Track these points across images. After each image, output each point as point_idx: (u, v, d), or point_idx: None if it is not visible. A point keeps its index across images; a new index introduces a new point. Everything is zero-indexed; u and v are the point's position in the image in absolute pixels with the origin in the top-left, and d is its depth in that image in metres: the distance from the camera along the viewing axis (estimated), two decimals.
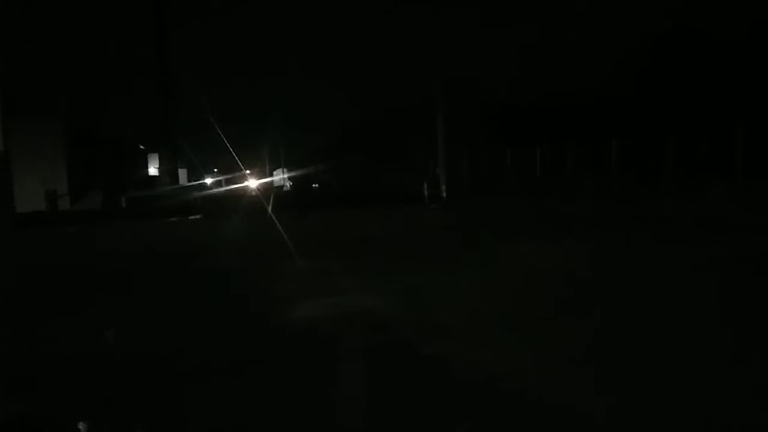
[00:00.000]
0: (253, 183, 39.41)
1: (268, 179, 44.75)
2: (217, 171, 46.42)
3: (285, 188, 41.22)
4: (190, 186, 30.82)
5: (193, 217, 18.95)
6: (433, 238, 10.93)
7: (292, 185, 41.52)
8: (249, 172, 41.43)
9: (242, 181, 37.96)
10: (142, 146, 32.76)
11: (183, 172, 33.22)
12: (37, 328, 5.00)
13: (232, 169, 38.73)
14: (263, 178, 43.45)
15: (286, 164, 45.42)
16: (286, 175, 44.14)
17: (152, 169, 32.73)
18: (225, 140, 26.73)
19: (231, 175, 39.06)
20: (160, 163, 28.91)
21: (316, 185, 38.26)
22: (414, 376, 3.51)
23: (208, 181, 39.61)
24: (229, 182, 38.07)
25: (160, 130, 25.30)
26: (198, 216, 19.24)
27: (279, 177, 45.47)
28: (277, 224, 12.84)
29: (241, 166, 37.34)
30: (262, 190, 35.98)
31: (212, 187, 37.13)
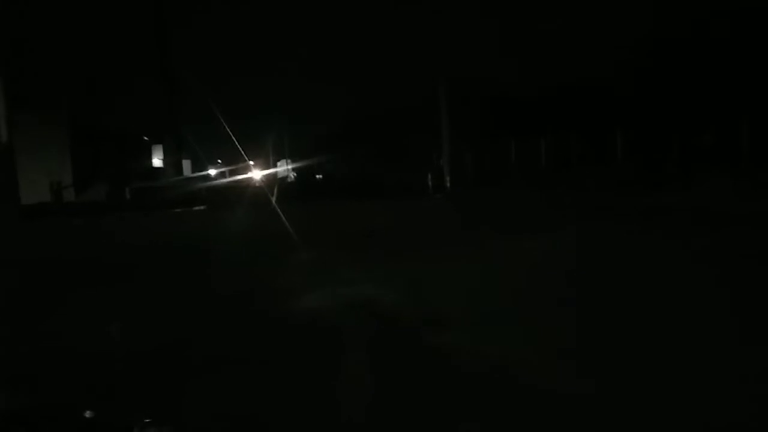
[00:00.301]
0: (256, 174, 39.44)
1: (272, 170, 44.79)
2: (220, 162, 46.46)
3: (289, 179, 41.26)
4: (194, 177, 30.85)
5: (197, 209, 18.99)
6: (437, 230, 10.93)
7: (295, 176, 41.55)
8: (253, 163, 41.47)
9: (246, 173, 37.99)
10: (146, 138, 32.80)
11: (187, 163, 33.27)
12: (41, 321, 5.02)
13: (235, 161, 38.78)
14: (267, 170, 43.49)
15: (290, 155, 45.45)
16: (290, 167, 44.18)
17: (156, 161, 32.77)
18: (229, 132, 26.75)
19: (235, 167, 39.12)
20: (164, 155, 28.97)
21: (319, 176, 38.26)
22: (417, 366, 3.52)
23: (212, 172, 39.65)
24: (233, 173, 38.12)
25: (164, 122, 25.33)
26: (202, 207, 19.30)
27: (283, 168, 45.51)
28: (281, 215, 12.86)
29: (245, 157, 37.36)
30: (266, 181, 35.99)
31: (216, 178, 37.16)
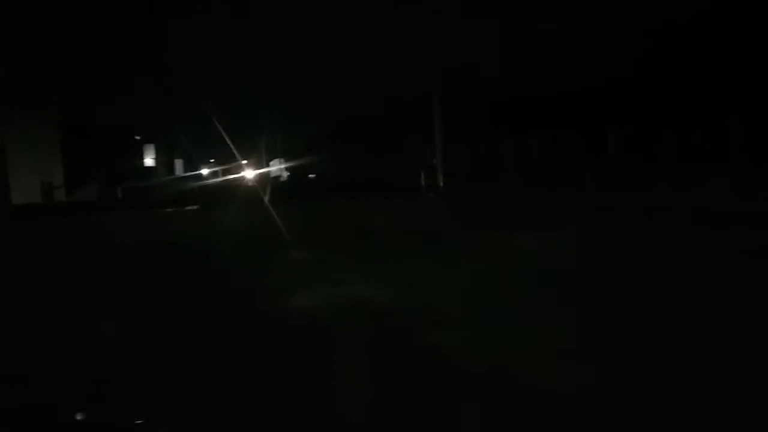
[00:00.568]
0: (249, 173, 39.33)
1: (265, 170, 44.66)
2: (213, 162, 46.28)
3: (282, 178, 41.19)
4: (187, 177, 30.70)
5: (189, 208, 18.91)
6: (430, 228, 10.91)
7: (289, 175, 41.48)
8: (246, 162, 41.35)
9: (239, 172, 37.89)
10: (138, 137, 32.60)
11: (179, 162, 33.07)
12: (36, 320, 4.98)
13: (228, 160, 38.63)
14: (260, 169, 43.36)
15: (283, 155, 45.32)
16: (283, 166, 44.08)
17: (148, 160, 32.57)
18: (221, 131, 26.65)
19: (228, 166, 38.98)
20: (156, 154, 28.79)
21: (313, 175, 38.22)
22: (412, 365, 3.51)
23: (205, 171, 39.51)
24: (226, 173, 37.99)
25: (156, 121, 25.19)
26: (194, 207, 19.21)
27: (276, 167, 45.39)
28: (275, 215, 12.82)
29: (238, 156, 37.23)
30: (259, 180, 35.91)
31: (209, 177, 37.02)
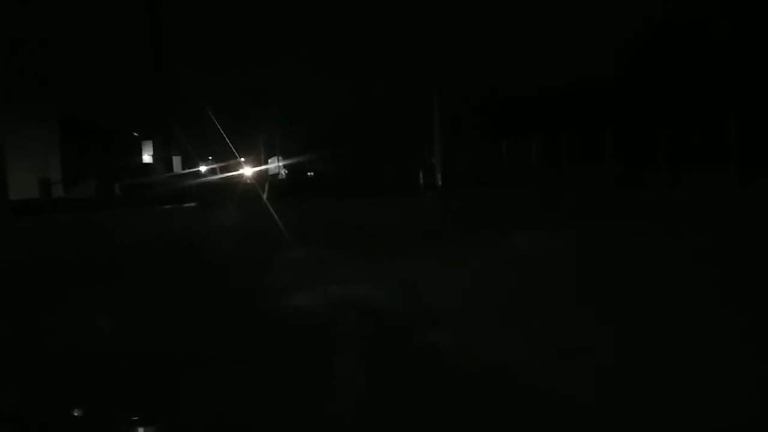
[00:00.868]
0: (247, 171, 39.34)
1: (263, 167, 44.66)
2: (211, 159, 46.30)
3: (280, 176, 41.17)
4: (185, 174, 30.71)
5: (187, 205, 18.90)
6: (428, 227, 10.93)
7: (287, 173, 41.46)
8: (244, 160, 41.37)
9: (237, 169, 37.93)
10: (136, 134, 32.58)
11: (177, 159, 33.08)
12: (34, 319, 4.98)
13: (226, 157, 38.68)
14: (258, 166, 43.36)
15: (282, 153, 45.29)
16: (281, 164, 44.06)
17: (146, 157, 32.56)
18: (219, 128, 26.66)
19: (226, 163, 39.03)
20: (154, 151, 28.78)
21: (311, 173, 38.21)
22: (410, 364, 3.52)
23: (203, 168, 39.51)
24: (224, 170, 38.05)
25: (154, 118, 25.16)
26: (192, 204, 19.20)
27: (274, 165, 45.37)
28: (273, 213, 12.83)
29: (236, 154, 37.25)
30: (257, 178, 35.91)
31: (207, 174, 37.04)
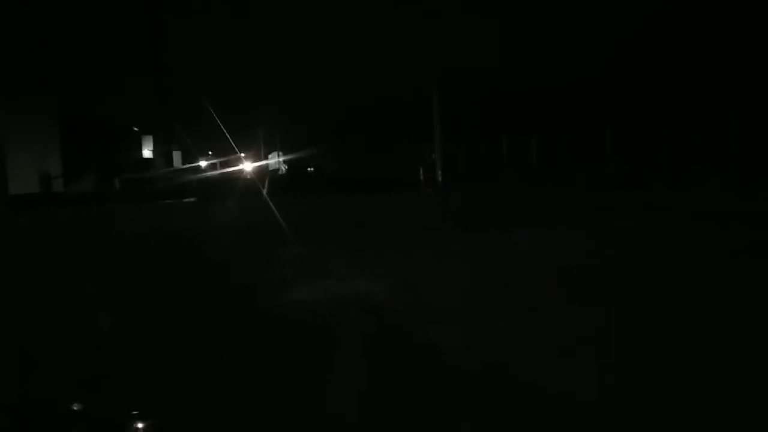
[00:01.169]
0: (248, 166, 39.28)
1: (263, 163, 44.59)
2: (211, 154, 46.17)
3: (280, 172, 41.11)
4: (185, 169, 30.66)
5: (187, 200, 18.89)
6: (428, 223, 10.93)
7: (287, 169, 41.40)
8: (244, 155, 41.30)
9: (237, 165, 37.86)
10: (136, 129, 32.53)
11: (177, 154, 33.03)
12: (33, 315, 4.99)
13: (226, 153, 38.60)
14: (258, 162, 43.29)
15: (282, 148, 45.20)
16: (282, 159, 43.98)
17: (146, 152, 32.50)
18: (220, 123, 26.62)
19: (226, 159, 38.94)
20: (155, 146, 28.76)
21: (311, 169, 38.16)
22: (409, 362, 3.52)
23: (203, 164, 39.45)
24: (224, 165, 37.97)
25: (154, 113, 25.14)
26: (192, 199, 19.20)
27: (274, 161, 45.30)
28: (273, 208, 12.82)
29: (236, 149, 37.20)
30: (257, 173, 35.86)
31: (207, 170, 36.98)
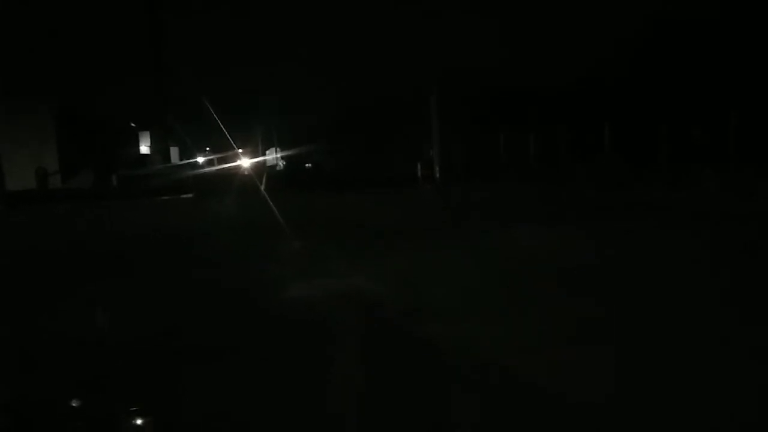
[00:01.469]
0: (245, 162, 39.19)
1: (261, 159, 44.49)
2: (209, 150, 46.07)
3: (278, 168, 41.03)
4: (182, 165, 30.59)
5: (185, 196, 18.86)
6: (426, 220, 10.93)
7: (285, 165, 41.33)
8: (241, 151, 41.21)
9: (234, 161, 37.75)
10: (134, 125, 32.44)
11: (174, 150, 32.99)
12: (32, 313, 4.99)
13: (224, 149, 38.48)
14: (256, 158, 43.19)
15: (280, 144, 45.11)
16: (279, 155, 43.89)
17: (144, 148, 32.42)
18: (217, 119, 26.54)
19: (223, 155, 38.83)
20: (152, 142, 28.68)
21: (309, 165, 38.09)
22: (407, 358, 3.53)
23: (200, 160, 39.37)
24: (222, 161, 37.87)
25: (151, 109, 25.07)
26: (190, 195, 19.16)
27: (272, 157, 45.19)
28: (271, 205, 12.80)
29: (234, 145, 37.09)
30: (255, 169, 35.76)
31: (204, 166, 36.92)
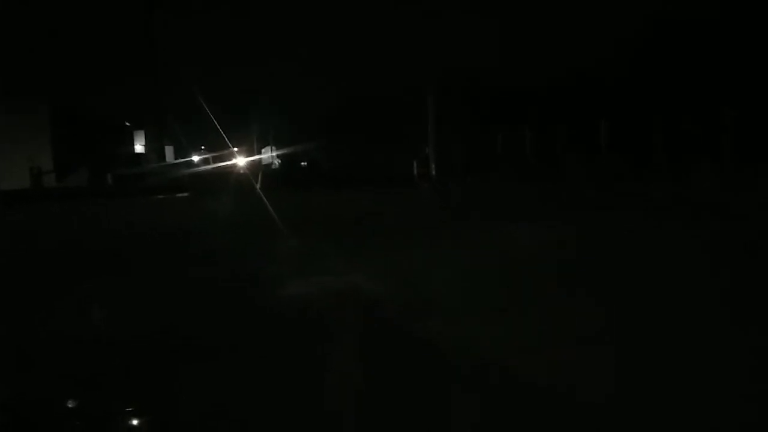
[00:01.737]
0: (241, 161, 39.19)
1: (257, 157, 44.48)
2: (204, 149, 46.05)
3: (273, 166, 40.98)
4: (177, 164, 30.55)
5: (180, 195, 18.80)
6: (423, 218, 10.92)
7: (280, 163, 41.29)
8: (237, 150, 41.19)
9: (230, 159, 37.77)
10: (129, 123, 32.35)
11: (169, 149, 32.89)
12: (28, 314, 4.96)
13: (219, 147, 38.50)
14: (251, 156, 43.18)
15: (275, 143, 45.07)
16: (275, 154, 43.85)
17: (138, 147, 32.36)
18: (212, 117, 26.51)
19: (219, 153, 38.84)
20: (147, 141, 28.63)
21: (304, 164, 38.05)
22: (406, 357, 3.52)
23: (195, 158, 39.33)
24: (217, 160, 37.89)
25: (146, 108, 25.00)
26: (185, 194, 19.10)
27: (267, 155, 45.16)
28: (267, 203, 12.78)
29: (229, 144, 37.08)
30: (250, 168, 35.78)
31: (199, 164, 36.88)
